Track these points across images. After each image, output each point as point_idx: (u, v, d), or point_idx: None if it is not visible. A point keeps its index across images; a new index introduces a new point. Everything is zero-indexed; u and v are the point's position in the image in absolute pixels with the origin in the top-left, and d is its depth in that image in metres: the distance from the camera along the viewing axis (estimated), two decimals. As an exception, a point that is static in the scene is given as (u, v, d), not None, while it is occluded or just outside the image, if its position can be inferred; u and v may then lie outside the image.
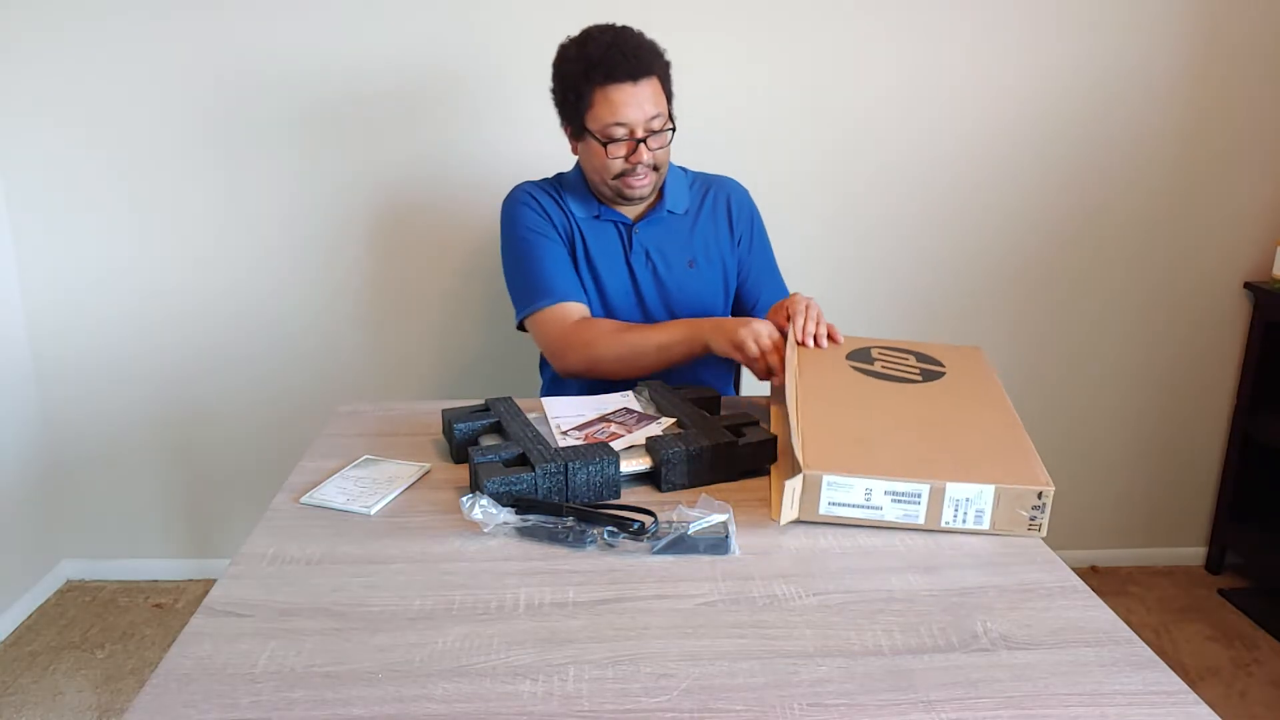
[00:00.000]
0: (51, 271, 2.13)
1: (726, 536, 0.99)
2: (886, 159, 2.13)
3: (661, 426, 1.20)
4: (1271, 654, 2.11)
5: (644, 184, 1.48)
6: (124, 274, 2.13)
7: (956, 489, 1.00)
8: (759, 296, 1.65)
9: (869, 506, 1.01)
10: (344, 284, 2.17)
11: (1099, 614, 0.88)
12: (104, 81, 2.01)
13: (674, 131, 1.48)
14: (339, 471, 1.17)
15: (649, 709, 0.74)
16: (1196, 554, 2.47)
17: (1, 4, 1.96)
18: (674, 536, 0.98)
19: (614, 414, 1.25)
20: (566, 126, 1.52)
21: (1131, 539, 2.46)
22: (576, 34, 1.46)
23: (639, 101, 1.41)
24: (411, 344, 2.22)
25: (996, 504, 1.00)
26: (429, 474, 1.17)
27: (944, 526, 1.01)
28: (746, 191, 1.67)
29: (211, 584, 1.08)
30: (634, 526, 0.99)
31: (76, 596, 2.28)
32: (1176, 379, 2.34)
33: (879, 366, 1.25)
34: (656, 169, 1.49)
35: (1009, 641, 0.83)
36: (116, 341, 2.18)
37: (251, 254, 2.13)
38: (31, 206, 2.08)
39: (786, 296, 1.62)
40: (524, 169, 2.09)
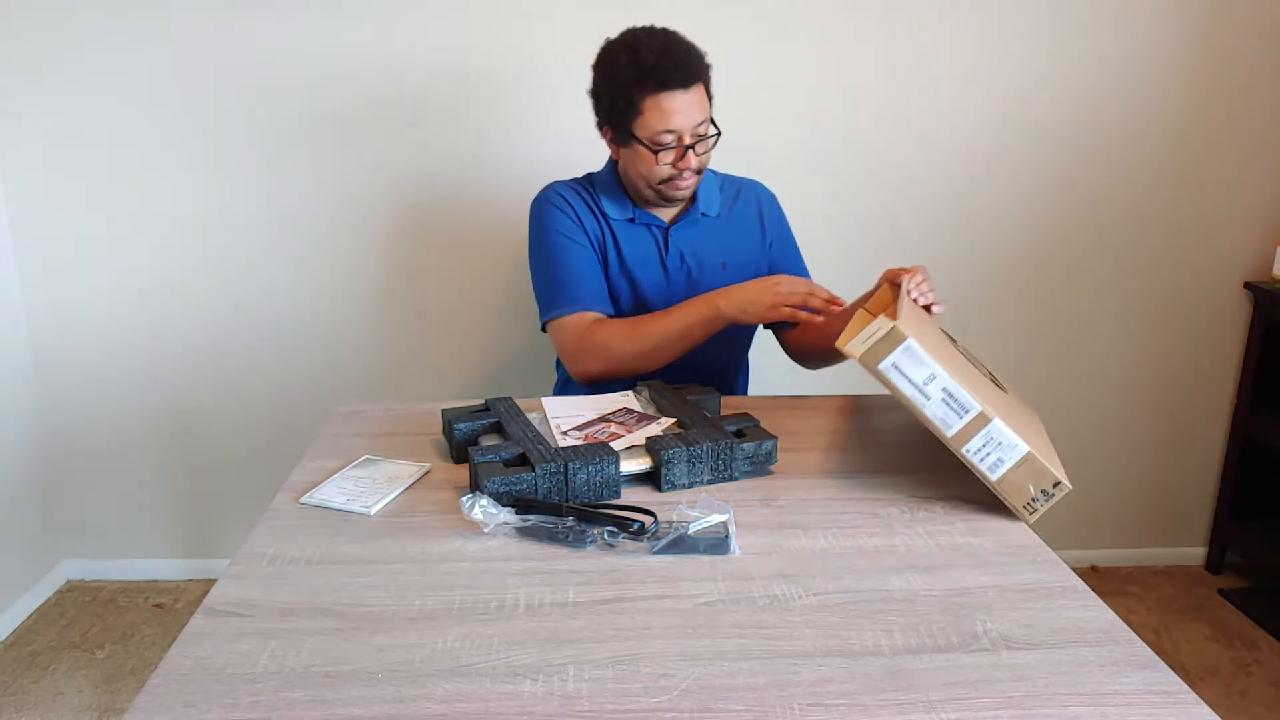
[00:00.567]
0: (52, 271, 2.13)
1: (726, 536, 0.99)
2: (880, 157, 2.13)
3: (661, 426, 1.20)
4: (1271, 654, 2.11)
5: (688, 185, 1.49)
6: (124, 274, 2.13)
7: (999, 429, 1.05)
8: None
9: (921, 390, 1.05)
10: (344, 285, 2.17)
11: (1099, 614, 0.88)
12: (105, 81, 2.01)
13: (719, 136, 1.47)
14: (339, 471, 1.17)
15: (649, 709, 0.74)
16: (1196, 554, 2.47)
17: (3, 5, 1.96)
18: (674, 536, 0.98)
19: (614, 414, 1.25)
20: (607, 130, 1.50)
21: (1131, 539, 2.46)
22: (621, 37, 1.44)
23: (689, 109, 1.41)
24: (412, 345, 2.22)
25: (1018, 466, 1.05)
26: (429, 474, 1.17)
27: (964, 453, 1.06)
28: (774, 195, 1.69)
29: (211, 584, 1.08)
30: (634, 526, 0.99)
31: (76, 596, 2.28)
32: (1176, 379, 2.34)
33: (961, 350, 1.29)
34: (698, 172, 1.50)
35: (1009, 641, 0.83)
36: (117, 342, 2.18)
37: (251, 255, 2.13)
38: (32, 206, 2.08)
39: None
40: (530, 171, 2.10)
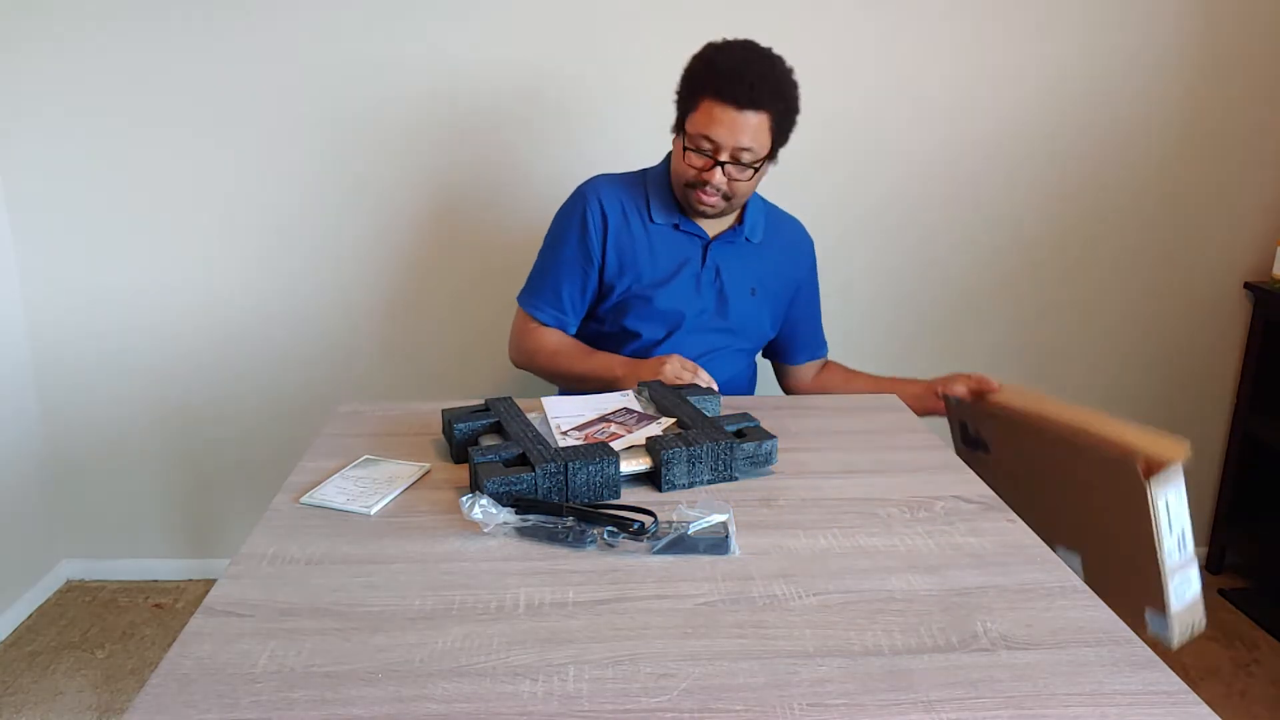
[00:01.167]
0: (52, 271, 2.13)
1: (726, 536, 0.99)
2: (879, 156, 2.13)
3: (661, 426, 1.20)
4: (1271, 654, 2.10)
5: (710, 202, 1.50)
6: (124, 274, 2.13)
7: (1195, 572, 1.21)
8: (795, 341, 1.74)
9: (1169, 518, 1.18)
10: (344, 285, 2.17)
11: (1099, 614, 0.88)
12: (105, 81, 2.00)
13: (758, 172, 1.48)
14: (339, 471, 1.17)
15: (649, 709, 0.74)
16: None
17: (3, 5, 1.96)
18: (674, 536, 0.98)
19: (614, 414, 1.25)
20: (676, 118, 1.53)
21: (1131, 539, 2.45)
22: (722, 41, 1.47)
23: (737, 127, 1.42)
24: (412, 345, 2.22)
25: (1192, 606, 1.18)
26: (429, 474, 1.17)
27: (1167, 581, 1.19)
28: (812, 242, 1.72)
29: (211, 584, 1.08)
30: (634, 526, 0.99)
31: (76, 596, 2.28)
32: (1176, 379, 2.34)
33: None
34: (728, 198, 1.50)
35: (1009, 641, 0.83)
36: (117, 342, 2.18)
37: (251, 255, 2.13)
38: (32, 206, 2.08)
39: (823, 348, 1.76)
40: (531, 172, 2.10)
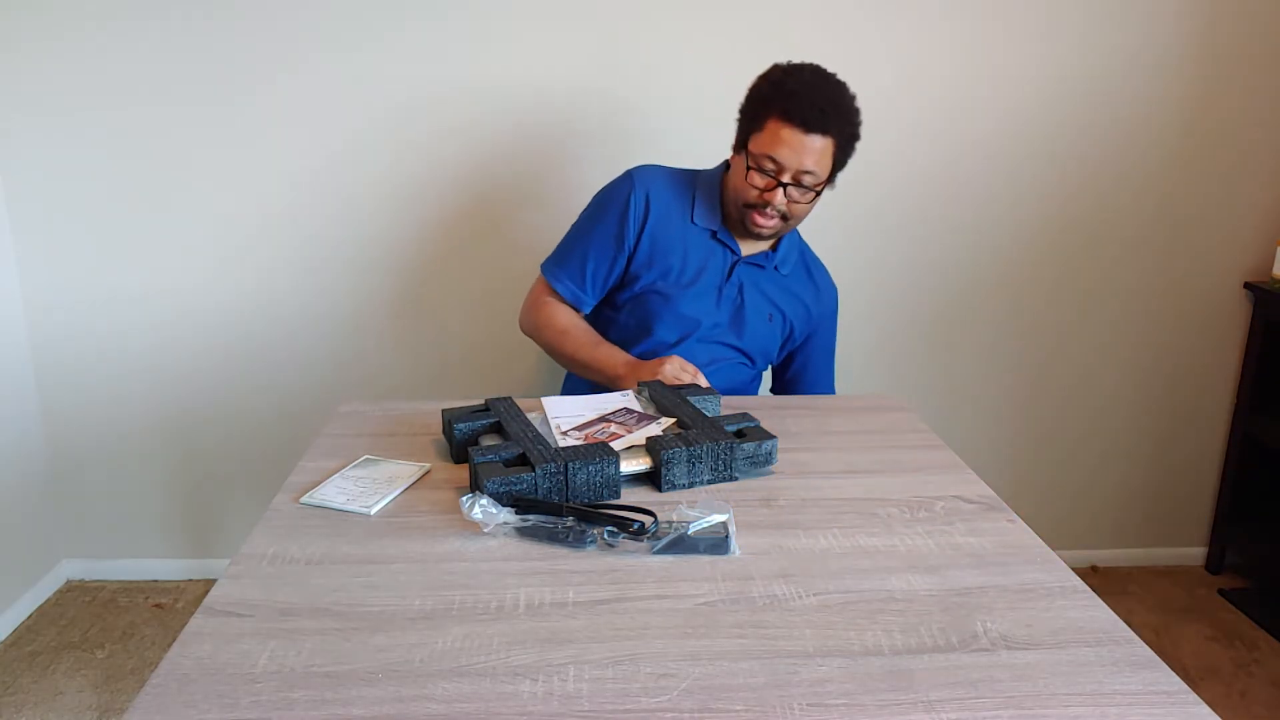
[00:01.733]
0: (52, 271, 2.13)
1: (726, 536, 0.99)
2: (880, 156, 2.12)
3: (661, 426, 1.20)
4: (1271, 654, 2.10)
5: (769, 224, 1.51)
6: (125, 273, 2.13)
7: None
8: (801, 378, 1.76)
9: None
10: (345, 285, 2.16)
11: (1099, 614, 0.88)
12: (106, 80, 2.00)
13: (818, 195, 1.51)
14: (339, 471, 1.17)
15: (649, 709, 0.74)
16: (1196, 554, 2.47)
17: (3, 4, 1.96)
18: (674, 536, 0.98)
19: (614, 414, 1.25)
20: (737, 136, 1.55)
21: (1131, 539, 2.45)
22: (790, 64, 1.49)
23: (803, 150, 1.43)
24: (413, 345, 2.22)
25: None
26: (429, 474, 1.17)
27: None
28: (837, 291, 1.74)
29: (211, 584, 1.08)
30: (634, 526, 0.99)
31: (76, 596, 2.28)
32: (1176, 379, 2.34)
33: None
34: (786, 219, 1.52)
35: (1009, 641, 0.83)
36: (117, 342, 2.18)
37: (251, 255, 2.13)
38: (32, 206, 2.08)
39: (828, 394, 1.76)
40: (532, 174, 2.10)
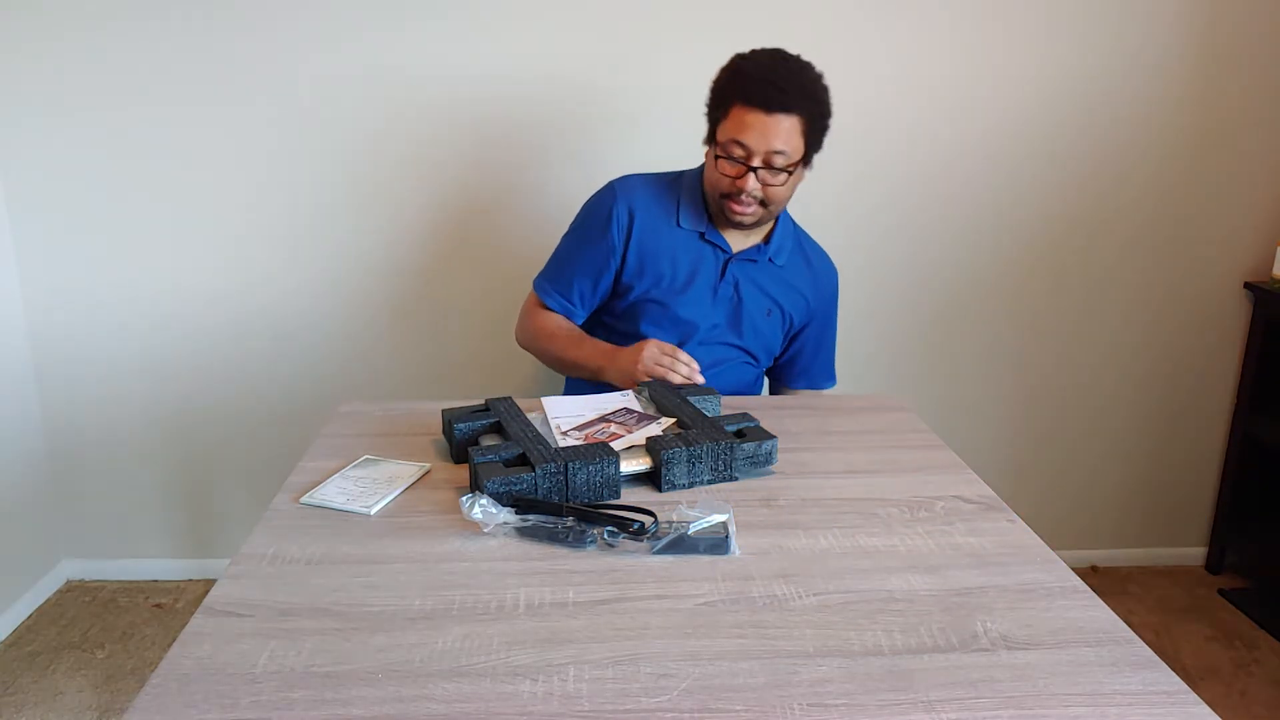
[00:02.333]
0: (52, 271, 2.13)
1: (726, 536, 0.99)
2: (880, 155, 2.13)
3: (661, 426, 1.20)
4: (1271, 654, 2.10)
5: (746, 212, 1.49)
6: (124, 274, 2.13)
7: None
8: (795, 366, 1.72)
9: None
10: (345, 286, 2.16)
11: (1099, 614, 0.88)
12: (105, 80, 2.00)
13: (791, 175, 1.46)
14: (339, 471, 1.17)
15: (649, 709, 0.74)
16: (1196, 554, 2.47)
17: (3, 4, 1.96)
18: (674, 536, 0.98)
19: (614, 414, 1.25)
20: (707, 130, 1.54)
21: (1131, 539, 2.45)
22: (750, 51, 1.47)
23: (768, 131, 1.41)
24: (414, 345, 2.22)
25: None
26: (429, 474, 1.17)
27: None
28: (837, 274, 1.70)
29: (211, 584, 1.08)
30: (634, 526, 0.99)
31: (76, 596, 2.28)
32: (1176, 379, 2.34)
33: None
34: (765, 205, 1.49)
35: (1009, 641, 0.83)
36: (117, 342, 2.18)
37: (251, 255, 2.13)
38: (32, 206, 2.08)
39: (827, 382, 1.74)
40: (533, 176, 2.10)
